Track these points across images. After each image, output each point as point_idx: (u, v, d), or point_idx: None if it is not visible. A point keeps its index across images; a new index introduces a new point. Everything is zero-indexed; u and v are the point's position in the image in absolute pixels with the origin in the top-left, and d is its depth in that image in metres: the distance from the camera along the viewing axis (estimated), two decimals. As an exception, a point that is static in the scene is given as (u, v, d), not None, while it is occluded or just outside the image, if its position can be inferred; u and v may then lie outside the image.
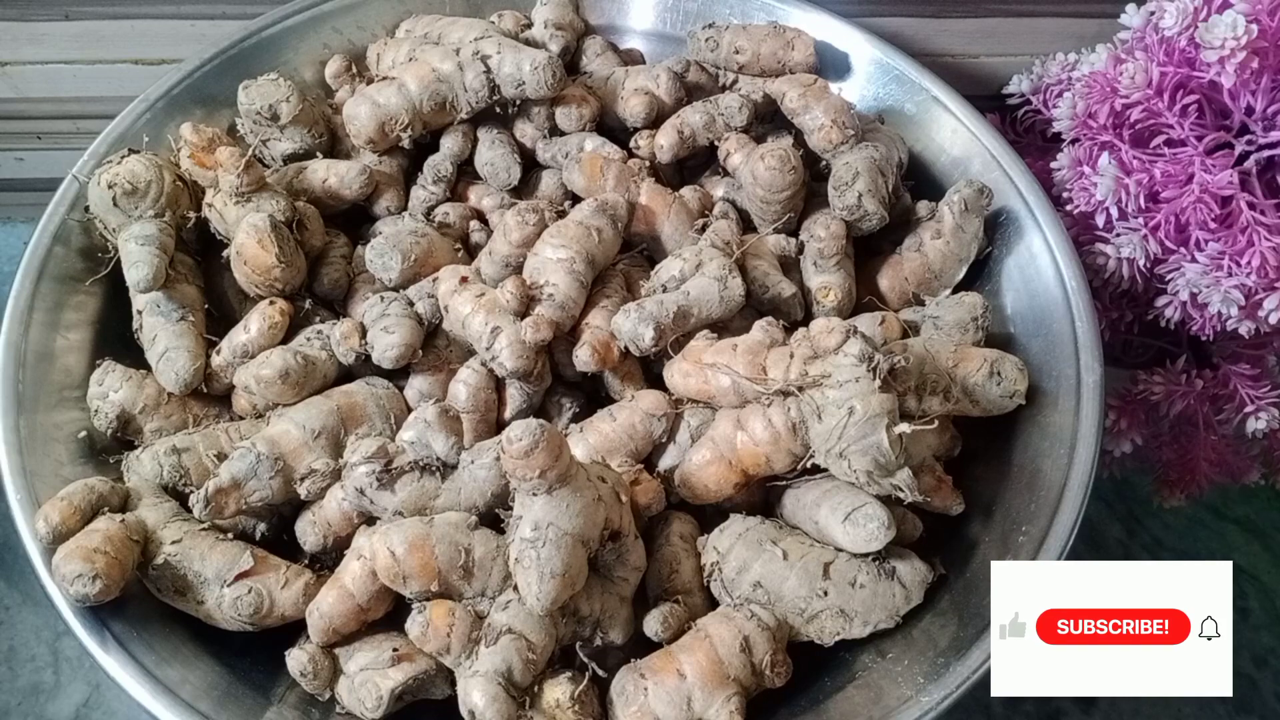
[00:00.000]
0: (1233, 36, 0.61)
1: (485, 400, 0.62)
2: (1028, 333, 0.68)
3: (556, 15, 0.79)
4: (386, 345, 0.61)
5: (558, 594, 0.50)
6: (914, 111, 0.76)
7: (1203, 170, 0.65)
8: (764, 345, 0.59)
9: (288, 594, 0.56)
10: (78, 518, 0.55)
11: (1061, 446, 0.61)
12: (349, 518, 0.58)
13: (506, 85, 0.70)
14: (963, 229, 0.68)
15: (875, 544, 0.55)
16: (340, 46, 0.79)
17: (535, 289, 0.62)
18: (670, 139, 0.71)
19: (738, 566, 0.57)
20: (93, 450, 0.63)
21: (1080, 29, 0.81)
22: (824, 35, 0.77)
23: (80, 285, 0.66)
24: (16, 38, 0.83)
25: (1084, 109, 0.70)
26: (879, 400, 0.53)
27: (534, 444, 0.48)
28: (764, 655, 0.53)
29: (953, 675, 0.53)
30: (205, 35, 0.81)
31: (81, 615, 0.54)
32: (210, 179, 0.66)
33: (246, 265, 0.63)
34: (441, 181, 0.73)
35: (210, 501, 0.56)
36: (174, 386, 0.63)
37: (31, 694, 0.78)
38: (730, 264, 0.62)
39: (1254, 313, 0.66)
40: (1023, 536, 0.59)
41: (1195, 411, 0.75)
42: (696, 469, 0.58)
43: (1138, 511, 0.92)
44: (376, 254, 0.66)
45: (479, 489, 0.56)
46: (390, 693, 0.52)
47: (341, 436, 0.60)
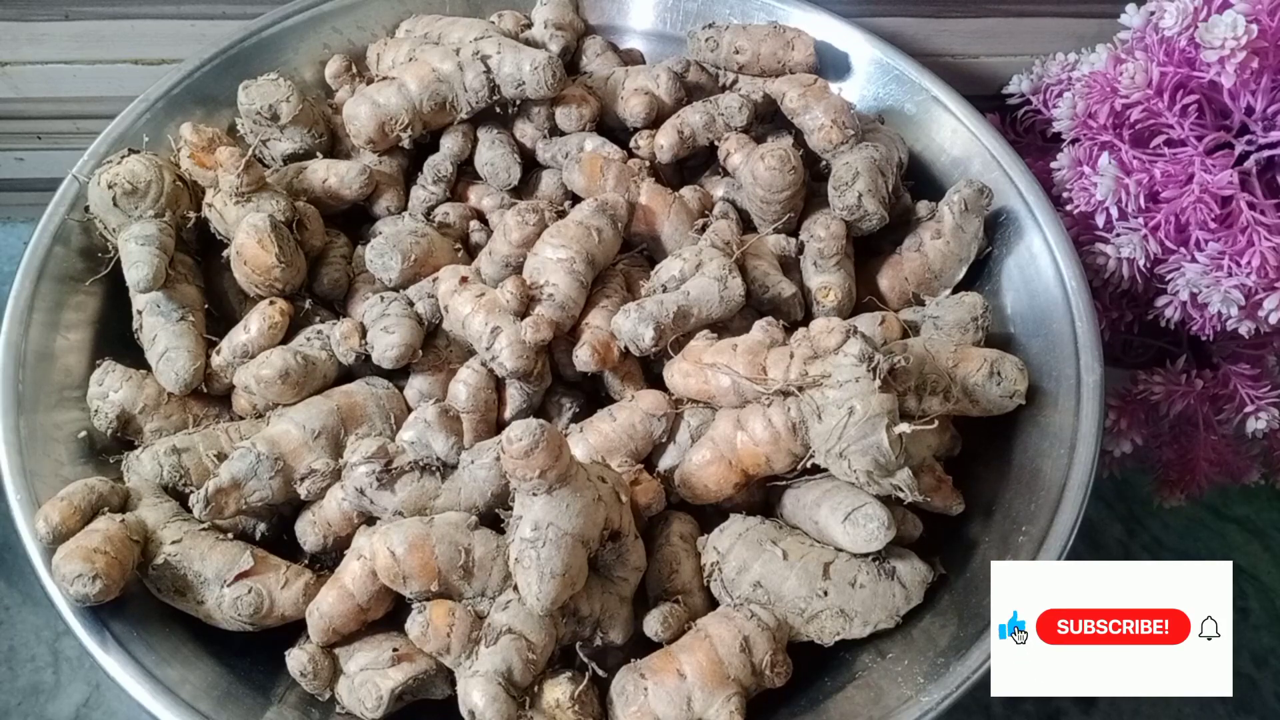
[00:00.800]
0: (1233, 36, 0.61)
1: (485, 400, 0.62)
2: (1028, 333, 0.68)
3: (556, 15, 0.79)
4: (386, 345, 0.61)
5: (558, 594, 0.50)
6: (914, 111, 0.76)
7: (1203, 170, 0.65)
8: (764, 345, 0.59)
9: (288, 594, 0.56)
10: (78, 518, 0.55)
11: (1061, 446, 0.61)
12: (349, 518, 0.58)
13: (506, 85, 0.70)
14: (963, 229, 0.68)
15: (875, 544, 0.55)
16: (340, 46, 0.79)
17: (535, 289, 0.62)
18: (670, 139, 0.71)
19: (738, 566, 0.57)
20: (93, 450, 0.63)
21: (1080, 29, 0.81)
22: (824, 35, 0.77)
23: (80, 285, 0.66)
24: (16, 38, 0.83)
25: (1084, 109, 0.70)
26: (879, 400, 0.53)
27: (534, 444, 0.48)
28: (764, 655, 0.53)
29: (953, 675, 0.53)
30: (205, 35, 0.81)
31: (81, 615, 0.54)
32: (210, 179, 0.66)
33: (246, 265, 0.63)
34: (441, 181, 0.73)
35: (210, 501, 0.56)
36: (174, 386, 0.63)
37: (31, 694, 0.78)
38: (730, 264, 0.62)
39: (1254, 313, 0.66)
40: (1023, 536, 0.59)
41: (1195, 411, 0.75)
42: (696, 469, 0.58)
43: (1138, 511, 0.92)
44: (376, 254, 0.66)
45: (479, 489, 0.56)
46: (390, 693, 0.52)
47: (341, 436, 0.60)
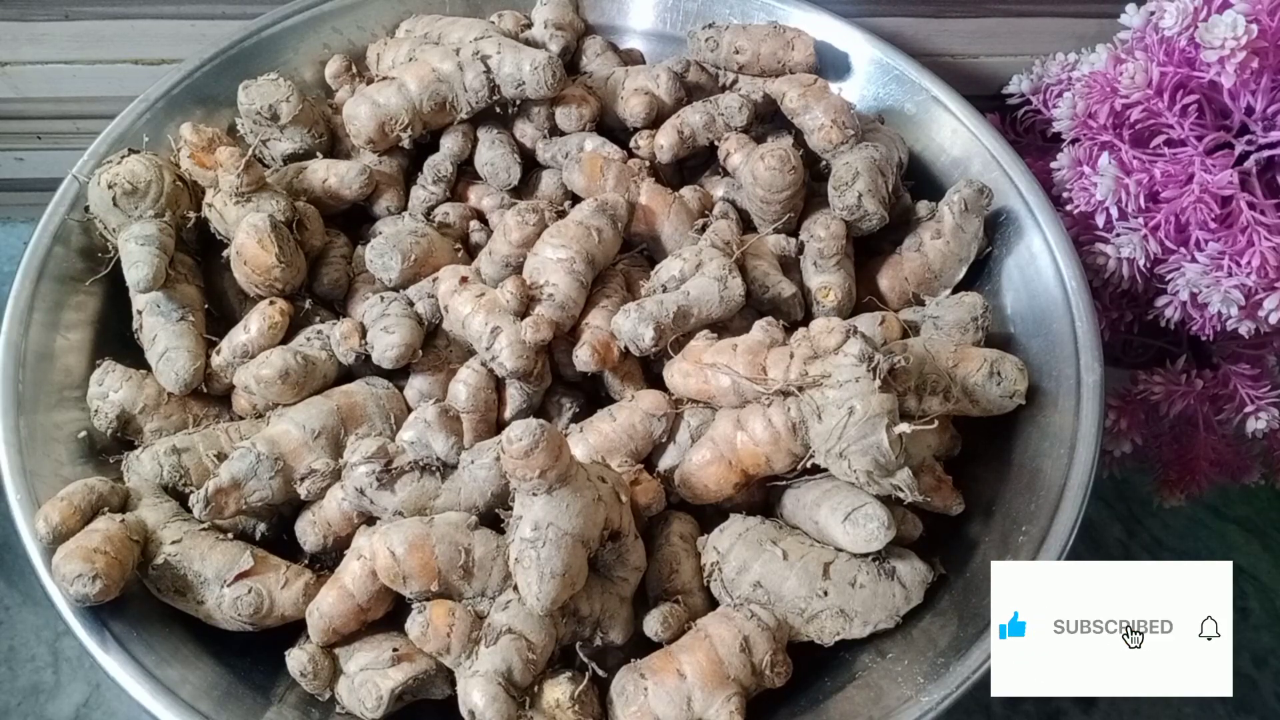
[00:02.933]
0: (1233, 36, 0.61)
1: (485, 400, 0.62)
2: (1028, 333, 0.68)
3: (556, 15, 0.79)
4: (386, 345, 0.61)
5: (558, 594, 0.50)
6: (914, 111, 0.76)
7: (1203, 170, 0.65)
8: (764, 345, 0.59)
9: (288, 594, 0.56)
10: (78, 518, 0.55)
11: (1061, 446, 0.61)
12: (349, 518, 0.58)
13: (506, 85, 0.70)
14: (963, 229, 0.68)
15: (875, 544, 0.55)
16: (340, 46, 0.79)
17: (535, 289, 0.62)
18: (670, 139, 0.71)
19: (738, 566, 0.56)
20: (93, 450, 0.63)
21: (1080, 29, 0.81)
22: (824, 35, 0.77)
23: (80, 285, 0.66)
24: (16, 38, 0.83)
25: (1084, 109, 0.70)
26: (879, 400, 0.53)
27: (534, 444, 0.48)
28: (764, 655, 0.53)
29: (953, 675, 0.53)
30: (205, 35, 0.81)
31: (81, 615, 0.54)
32: (210, 179, 0.66)
33: (246, 265, 0.63)
34: (441, 181, 0.73)
35: (210, 501, 0.56)
36: (174, 386, 0.63)
37: (31, 694, 0.78)
38: (730, 264, 0.62)
39: (1254, 313, 0.66)
40: (1023, 536, 0.59)
41: (1195, 411, 0.75)
42: (696, 469, 0.58)
43: (1138, 511, 0.92)
44: (376, 254, 0.66)
45: (479, 489, 0.56)
46: (390, 693, 0.52)
47: (341, 436, 0.60)
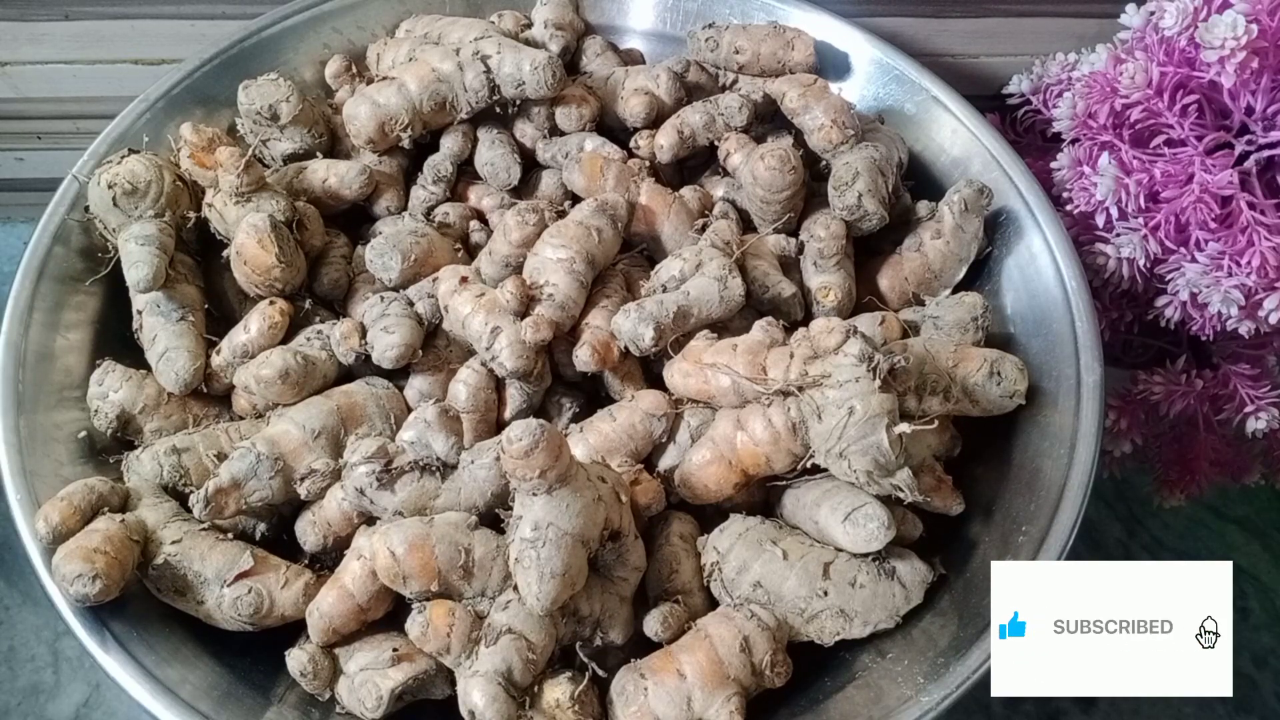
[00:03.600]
0: (1233, 36, 0.61)
1: (485, 400, 0.62)
2: (1028, 333, 0.68)
3: (556, 15, 0.79)
4: (386, 345, 0.61)
5: (558, 594, 0.50)
6: (914, 111, 0.76)
7: (1203, 170, 0.65)
8: (764, 345, 0.59)
9: (288, 594, 0.56)
10: (78, 518, 0.55)
11: (1061, 446, 0.61)
12: (349, 518, 0.58)
13: (506, 85, 0.70)
14: (963, 229, 0.68)
15: (875, 544, 0.55)
16: (340, 46, 0.79)
17: (535, 289, 0.62)
18: (670, 139, 0.71)
19: (738, 566, 0.56)
20: (93, 450, 0.63)
21: (1080, 29, 0.81)
22: (824, 35, 0.77)
23: (80, 285, 0.66)
24: (16, 38, 0.83)
25: (1084, 109, 0.70)
26: (879, 400, 0.53)
27: (534, 444, 0.48)
28: (764, 655, 0.53)
29: (953, 675, 0.53)
30: (205, 35, 0.81)
31: (81, 615, 0.54)
32: (210, 179, 0.66)
33: (246, 265, 0.63)
34: (441, 181, 0.73)
35: (210, 501, 0.56)
36: (174, 386, 0.63)
37: (31, 694, 0.78)
38: (730, 264, 0.62)
39: (1254, 313, 0.66)
40: (1023, 536, 0.59)
41: (1195, 411, 0.75)
42: (696, 469, 0.58)
43: (1138, 511, 0.92)
44: (376, 254, 0.66)
45: (479, 489, 0.56)
46: (390, 693, 0.52)
47: (341, 436, 0.60)
